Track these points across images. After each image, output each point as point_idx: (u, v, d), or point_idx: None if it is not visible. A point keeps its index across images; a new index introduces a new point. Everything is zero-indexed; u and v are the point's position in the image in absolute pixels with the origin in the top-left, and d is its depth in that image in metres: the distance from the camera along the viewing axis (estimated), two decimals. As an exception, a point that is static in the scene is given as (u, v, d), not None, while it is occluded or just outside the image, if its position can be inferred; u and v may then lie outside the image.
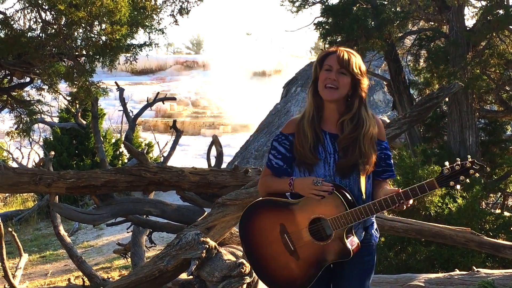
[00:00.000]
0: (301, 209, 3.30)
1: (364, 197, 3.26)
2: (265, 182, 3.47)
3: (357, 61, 3.25)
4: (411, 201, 3.13)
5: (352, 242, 3.26)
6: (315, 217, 3.25)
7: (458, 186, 3.09)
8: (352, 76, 3.24)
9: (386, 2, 12.42)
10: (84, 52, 7.56)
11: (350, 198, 3.21)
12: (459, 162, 3.03)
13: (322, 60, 3.30)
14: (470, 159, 3.03)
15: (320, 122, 3.32)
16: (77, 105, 15.27)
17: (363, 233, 3.36)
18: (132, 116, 11.44)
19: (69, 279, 9.30)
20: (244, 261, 4.34)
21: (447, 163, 3.07)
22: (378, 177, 3.35)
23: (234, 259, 4.53)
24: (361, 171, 3.24)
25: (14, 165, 19.12)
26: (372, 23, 11.34)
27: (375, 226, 3.45)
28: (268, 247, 3.43)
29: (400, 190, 3.11)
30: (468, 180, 3.05)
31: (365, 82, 3.29)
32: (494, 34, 10.70)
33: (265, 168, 3.49)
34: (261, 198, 3.49)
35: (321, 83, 3.25)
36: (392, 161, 3.40)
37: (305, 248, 3.31)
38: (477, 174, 3.05)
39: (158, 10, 8.09)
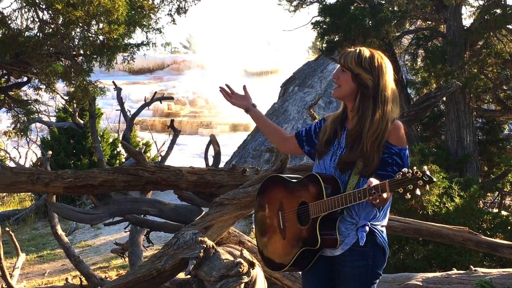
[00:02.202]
0: (296, 190, 3.41)
1: None
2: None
3: (354, 55, 3.22)
4: (384, 195, 3.01)
5: (327, 235, 3.25)
6: (303, 200, 3.34)
7: (408, 195, 2.96)
8: (353, 72, 3.22)
9: (383, 2, 12.43)
10: (81, 52, 7.55)
11: (336, 191, 3.23)
12: (411, 171, 2.92)
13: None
14: (422, 169, 2.94)
15: (345, 120, 3.40)
16: (75, 105, 15.26)
17: (356, 237, 3.27)
18: (130, 116, 11.41)
19: (66, 279, 9.29)
20: (242, 261, 4.34)
21: (405, 169, 2.95)
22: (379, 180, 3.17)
23: (232, 259, 4.53)
24: (357, 170, 3.22)
25: (12, 164, 19.10)
26: (370, 22, 11.35)
27: (367, 229, 3.27)
28: (268, 220, 3.58)
29: (372, 184, 3.02)
30: (418, 192, 2.92)
31: (365, 76, 3.20)
32: (491, 34, 10.72)
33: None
34: (275, 174, 3.81)
35: None
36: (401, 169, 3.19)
37: (290, 228, 3.41)
38: (427, 186, 2.93)
39: (156, 10, 8.09)
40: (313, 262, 3.36)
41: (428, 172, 2.95)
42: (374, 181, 3.04)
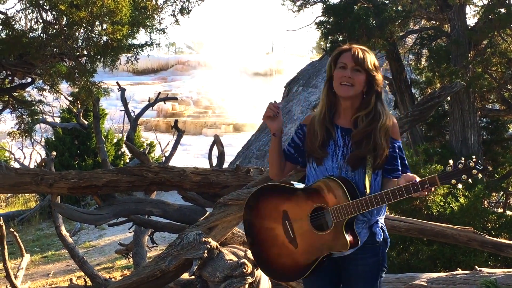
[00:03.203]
0: (304, 197, 3.32)
1: (368, 192, 3.24)
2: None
3: (371, 58, 3.29)
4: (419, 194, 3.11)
5: (351, 236, 3.24)
6: (317, 206, 3.26)
7: (459, 185, 3.06)
8: (367, 72, 3.27)
9: (387, 1, 12.39)
10: (85, 52, 7.56)
11: (356, 193, 3.22)
12: (462, 161, 3.02)
13: (336, 58, 3.34)
14: (474, 159, 3.02)
15: (333, 117, 3.38)
16: (79, 105, 15.24)
17: (368, 233, 3.33)
18: (134, 116, 11.42)
19: (71, 279, 9.29)
20: (246, 261, 4.34)
21: (451, 161, 3.07)
22: (387, 175, 3.32)
23: (236, 259, 4.53)
24: (369, 164, 3.26)
25: (16, 165, 19.14)
26: (374, 22, 11.32)
27: (380, 224, 3.39)
28: (269, 232, 3.45)
29: (402, 184, 3.10)
30: (470, 180, 3.02)
31: (379, 78, 3.31)
32: (495, 33, 10.69)
33: None
34: (268, 183, 3.58)
35: (337, 80, 3.29)
36: (405, 162, 3.38)
37: (304, 236, 3.32)
38: (479, 174, 3.02)
39: (159, 10, 8.09)
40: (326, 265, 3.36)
41: (479, 161, 3.04)
42: (415, 177, 3.11)
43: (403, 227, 5.88)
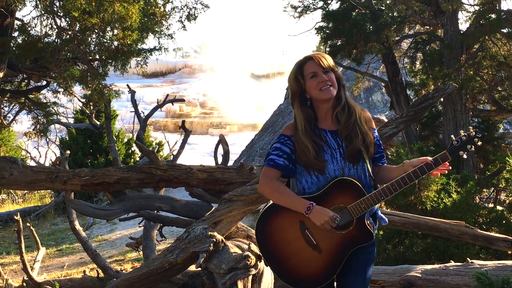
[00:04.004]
0: (317, 203, 3.23)
1: (372, 181, 3.29)
2: (275, 189, 3.35)
3: (330, 59, 3.36)
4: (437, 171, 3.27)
5: (371, 227, 3.29)
6: (333, 207, 3.23)
7: (465, 156, 3.22)
8: (333, 71, 3.33)
9: (383, 8, 12.40)
10: (97, 57, 7.58)
11: (363, 185, 3.25)
12: (464, 133, 3.19)
13: (300, 71, 3.34)
14: (471, 129, 3.19)
15: (317, 123, 3.34)
16: (91, 107, 15.31)
17: (372, 221, 3.36)
18: (143, 117, 11.43)
19: (84, 271, 9.30)
20: (250, 254, 4.33)
21: (453, 137, 3.23)
22: (378, 162, 3.41)
23: (240, 252, 4.52)
24: (365, 155, 3.28)
25: (32, 163, 19.17)
26: (371, 27, 11.32)
27: (379, 212, 3.45)
28: (288, 246, 3.35)
29: (417, 167, 3.19)
30: (473, 148, 3.20)
31: (340, 73, 3.40)
32: (486, 37, 10.67)
33: (268, 169, 3.39)
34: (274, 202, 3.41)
35: (315, 89, 3.28)
36: (382, 149, 3.47)
37: (326, 239, 3.28)
38: (479, 142, 3.20)
39: (167, 16, 8.10)
40: None
41: (477, 129, 3.24)
42: (427, 158, 3.24)
43: (399, 222, 5.88)
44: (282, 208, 3.33)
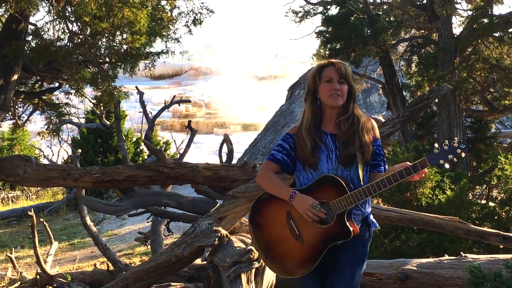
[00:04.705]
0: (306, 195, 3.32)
1: (362, 184, 3.29)
2: (268, 178, 3.48)
3: (350, 71, 3.39)
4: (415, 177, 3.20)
5: (352, 226, 3.28)
6: (319, 201, 3.27)
7: (446, 165, 3.12)
8: (349, 84, 3.37)
9: (381, 12, 12.38)
10: (107, 60, 7.58)
11: (350, 185, 3.26)
12: (446, 143, 3.12)
13: (319, 72, 3.41)
14: (456, 140, 3.12)
15: (320, 125, 3.42)
16: (101, 107, 15.28)
17: (360, 225, 3.37)
18: (151, 117, 11.42)
19: (95, 264, 9.31)
20: (253, 248, 4.33)
21: (436, 144, 3.15)
22: (374, 169, 3.39)
23: (244, 246, 4.52)
24: (360, 161, 3.31)
25: (45, 161, 19.19)
26: (368, 31, 11.30)
27: (371, 217, 3.47)
28: (276, 233, 3.45)
29: (396, 171, 3.18)
30: (455, 159, 3.11)
31: (355, 87, 3.45)
32: (479, 41, 10.66)
33: (267, 162, 3.52)
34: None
35: (325, 93, 3.35)
36: (384, 159, 3.45)
37: (309, 232, 3.33)
38: (463, 154, 3.10)
39: (174, 21, 8.10)
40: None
41: (461, 141, 3.14)
42: (407, 163, 3.20)
43: (395, 217, 5.87)
44: (273, 197, 3.44)
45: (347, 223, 3.25)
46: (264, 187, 3.52)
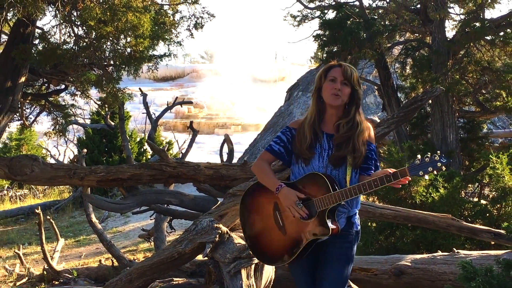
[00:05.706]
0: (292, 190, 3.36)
1: (348, 185, 3.30)
2: (260, 168, 3.53)
3: (356, 75, 3.39)
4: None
5: (333, 224, 3.30)
6: (304, 197, 3.31)
7: (426, 177, 3.11)
8: (352, 87, 3.37)
9: (376, 17, 12.37)
10: (111, 62, 7.57)
11: (336, 186, 3.27)
12: (428, 155, 3.09)
13: (326, 71, 3.43)
14: (438, 153, 3.09)
15: (320, 123, 3.43)
16: (106, 108, 15.31)
17: (345, 223, 3.40)
18: (154, 118, 11.44)
19: (100, 260, 9.33)
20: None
21: (419, 156, 3.13)
22: (363, 172, 3.39)
23: (244, 243, 4.53)
24: (350, 163, 3.32)
25: (52, 161, 19.20)
26: (364, 35, 11.29)
27: (357, 217, 3.50)
28: (262, 221, 3.52)
29: (378, 177, 3.17)
30: (435, 172, 3.07)
31: (360, 93, 3.41)
32: (471, 44, 10.65)
33: (264, 152, 3.56)
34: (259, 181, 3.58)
35: (327, 91, 3.37)
36: (377, 164, 3.45)
37: (291, 224, 3.37)
38: (443, 167, 3.06)
39: (176, 25, 8.10)
40: (310, 250, 3.38)
41: (443, 155, 3.09)
42: (389, 170, 3.18)
43: (390, 215, 5.88)
44: (264, 187, 3.49)
45: (327, 221, 3.27)
46: (257, 176, 3.58)
